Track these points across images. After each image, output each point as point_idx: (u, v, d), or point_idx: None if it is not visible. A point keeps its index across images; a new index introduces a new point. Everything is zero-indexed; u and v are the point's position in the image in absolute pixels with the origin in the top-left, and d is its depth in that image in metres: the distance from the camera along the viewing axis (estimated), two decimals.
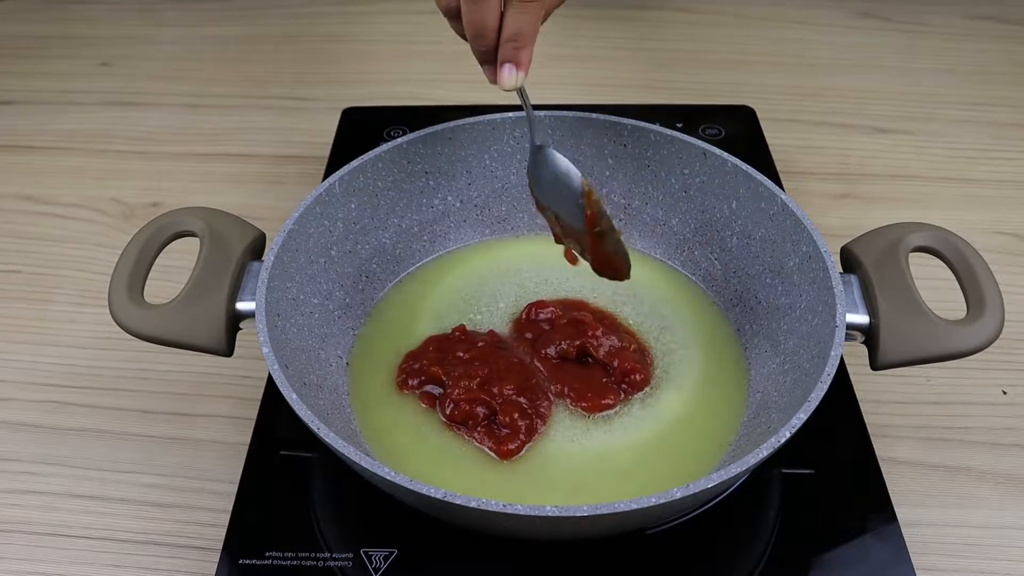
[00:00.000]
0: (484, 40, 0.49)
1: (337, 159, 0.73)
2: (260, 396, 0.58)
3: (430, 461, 0.52)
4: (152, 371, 0.63)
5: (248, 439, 0.55)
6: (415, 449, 0.53)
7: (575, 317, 0.58)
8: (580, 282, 0.63)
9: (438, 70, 0.94)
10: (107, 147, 0.85)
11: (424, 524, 0.49)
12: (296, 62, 0.96)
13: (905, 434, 0.59)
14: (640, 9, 1.02)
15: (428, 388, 0.55)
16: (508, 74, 0.49)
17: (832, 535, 0.50)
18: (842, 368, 0.59)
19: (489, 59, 0.50)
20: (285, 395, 0.45)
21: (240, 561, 0.49)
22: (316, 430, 0.44)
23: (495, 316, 0.61)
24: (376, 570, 0.48)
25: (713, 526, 0.51)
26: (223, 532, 0.50)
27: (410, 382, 0.56)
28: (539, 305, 0.60)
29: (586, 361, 0.57)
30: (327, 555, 0.49)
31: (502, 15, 0.48)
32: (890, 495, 0.52)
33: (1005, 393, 0.62)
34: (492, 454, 0.52)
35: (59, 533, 0.54)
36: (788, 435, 0.43)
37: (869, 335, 0.50)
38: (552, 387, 0.55)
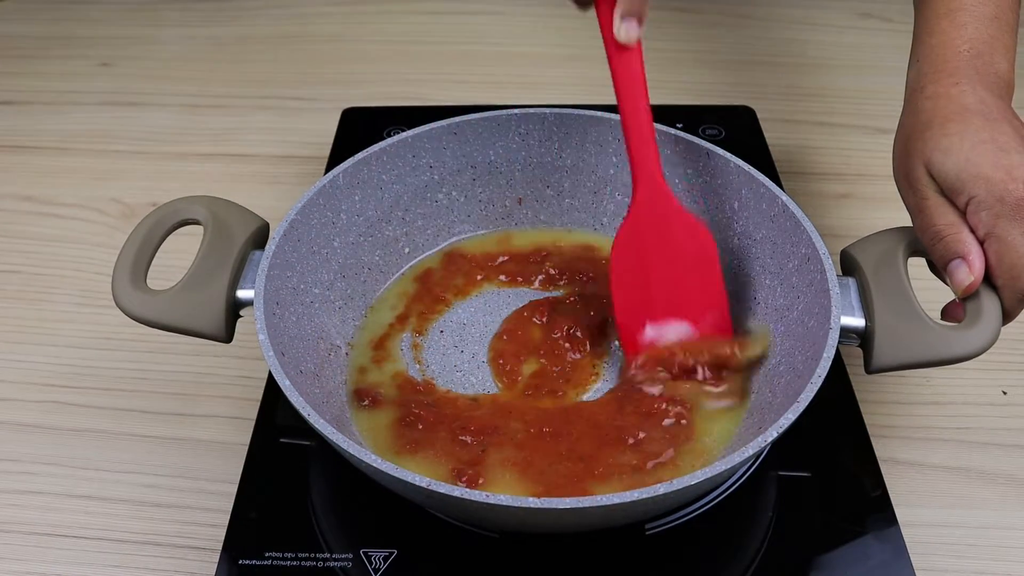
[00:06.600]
0: None
1: (337, 159, 0.73)
2: (260, 396, 0.58)
3: None
4: (152, 371, 0.63)
5: (248, 439, 0.55)
6: None
7: None
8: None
9: (438, 70, 0.94)
10: (107, 147, 0.85)
11: (424, 524, 0.49)
12: (296, 62, 0.96)
13: (905, 435, 0.59)
14: None
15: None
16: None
17: (833, 535, 0.51)
18: (843, 370, 0.59)
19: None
20: (279, 381, 0.46)
21: (240, 561, 0.49)
22: (307, 416, 0.44)
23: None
24: (376, 570, 0.48)
25: (714, 526, 0.51)
26: (223, 532, 0.50)
27: None
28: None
29: None
30: (327, 555, 0.49)
31: None
32: (890, 495, 0.52)
33: (1005, 393, 0.62)
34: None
35: (58, 533, 0.54)
36: (775, 435, 0.43)
37: (864, 338, 0.50)
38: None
